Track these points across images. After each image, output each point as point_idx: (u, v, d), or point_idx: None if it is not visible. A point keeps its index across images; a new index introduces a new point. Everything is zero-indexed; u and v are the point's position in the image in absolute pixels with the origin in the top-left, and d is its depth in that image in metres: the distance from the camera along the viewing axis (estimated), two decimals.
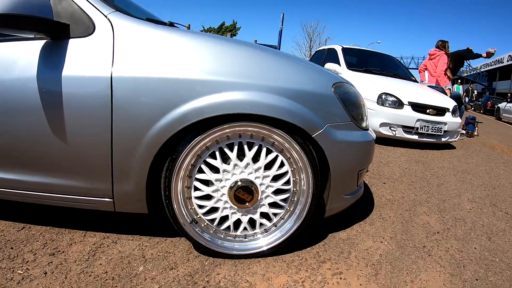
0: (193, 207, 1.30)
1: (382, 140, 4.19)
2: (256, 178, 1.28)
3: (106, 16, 1.27)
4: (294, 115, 1.21)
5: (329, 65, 5.03)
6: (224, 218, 1.34)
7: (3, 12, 1.11)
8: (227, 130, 1.23)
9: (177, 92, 1.18)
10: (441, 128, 3.99)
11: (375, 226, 1.81)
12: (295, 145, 1.25)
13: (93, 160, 1.27)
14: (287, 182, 1.32)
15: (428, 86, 5.02)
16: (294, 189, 1.33)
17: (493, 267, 1.54)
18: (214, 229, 1.35)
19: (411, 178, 2.81)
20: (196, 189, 1.28)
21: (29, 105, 1.27)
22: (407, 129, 3.95)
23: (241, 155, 1.28)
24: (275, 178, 1.32)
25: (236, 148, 1.26)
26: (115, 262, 1.37)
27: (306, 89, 1.26)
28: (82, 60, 1.23)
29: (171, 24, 1.67)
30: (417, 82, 5.29)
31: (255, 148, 1.27)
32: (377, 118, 3.99)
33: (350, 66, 5.11)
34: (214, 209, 1.32)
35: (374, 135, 1.61)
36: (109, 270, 1.32)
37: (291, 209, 1.36)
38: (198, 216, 1.32)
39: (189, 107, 1.16)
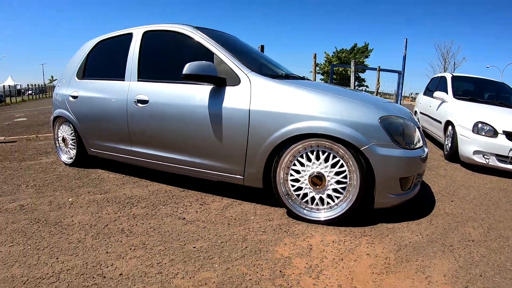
0: (288, 186, 2.37)
1: (480, 167, 4.57)
2: (325, 172, 2.26)
3: (246, 75, 2.46)
4: (349, 136, 2.15)
5: (437, 94, 5.72)
6: (305, 195, 2.36)
7: (195, 73, 2.39)
8: (311, 142, 2.25)
9: (285, 118, 2.26)
10: None
11: (419, 226, 2.54)
12: (350, 154, 2.19)
13: (236, 153, 2.45)
14: (345, 177, 2.26)
15: None
16: (349, 182, 2.26)
17: (505, 273, 1.93)
18: (299, 201, 2.38)
19: (482, 201, 3.30)
20: (291, 175, 2.34)
21: (201, 120, 2.55)
22: (501, 158, 4.25)
23: (317, 157, 2.28)
24: (338, 174, 2.27)
25: (315, 153, 2.27)
26: (238, 213, 2.54)
27: (359, 121, 2.19)
28: (233, 99, 2.44)
29: (287, 75, 2.82)
30: None
31: (326, 154, 2.26)
32: (471, 146, 4.41)
33: (458, 94, 5.61)
34: (299, 188, 2.36)
35: (420, 153, 2.37)
36: (234, 216, 2.49)
37: (347, 195, 2.29)
38: (290, 192, 2.37)
39: (291, 127, 2.23)
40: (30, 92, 37.22)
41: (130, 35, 3.31)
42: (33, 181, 3.38)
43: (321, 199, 2.34)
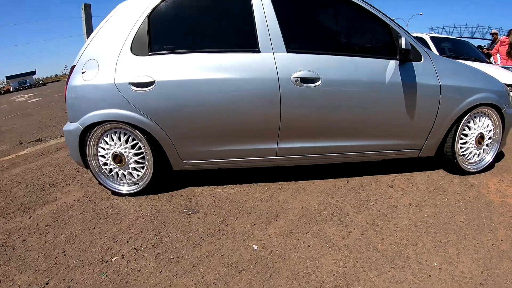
0: (458, 148, 3.23)
1: None
2: (484, 131, 3.23)
3: (424, 50, 3.03)
4: (498, 101, 3.15)
5: None
6: (467, 154, 3.28)
7: (408, 48, 2.78)
8: (475, 111, 3.13)
9: (467, 91, 3.02)
10: None
11: None
12: (497, 115, 3.22)
13: (423, 127, 3.04)
14: (493, 133, 3.31)
15: (502, 67, 6.77)
16: (495, 137, 3.32)
17: None
18: (463, 159, 3.30)
19: None
20: (461, 139, 3.22)
21: (392, 97, 2.90)
22: None
23: (479, 121, 3.21)
24: (489, 132, 3.29)
25: (478, 118, 3.20)
26: (429, 183, 3.16)
27: (498, 89, 3.22)
28: (423, 75, 2.92)
29: None
30: (491, 63, 7.10)
31: (484, 118, 3.23)
32: None
33: (441, 54, 6.39)
34: (466, 149, 3.26)
35: None
36: (438, 187, 3.08)
37: (491, 147, 3.34)
38: (459, 153, 3.27)
39: (470, 99, 3.02)
40: None
41: None
42: (127, 243, 2.41)
43: (481, 154, 3.33)
